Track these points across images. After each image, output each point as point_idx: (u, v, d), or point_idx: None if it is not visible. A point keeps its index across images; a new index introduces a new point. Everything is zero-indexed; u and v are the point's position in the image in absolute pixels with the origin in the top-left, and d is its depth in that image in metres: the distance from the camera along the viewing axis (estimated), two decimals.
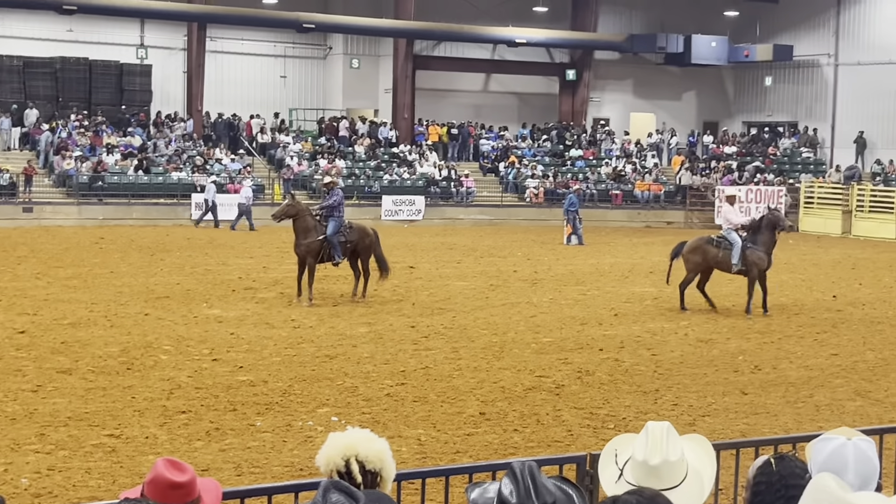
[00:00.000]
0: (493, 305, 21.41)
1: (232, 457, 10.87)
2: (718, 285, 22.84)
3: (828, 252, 35.43)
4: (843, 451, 3.80)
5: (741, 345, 17.72)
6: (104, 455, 10.83)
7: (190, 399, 13.13)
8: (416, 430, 12.06)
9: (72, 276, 24.24)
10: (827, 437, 3.89)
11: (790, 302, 22.78)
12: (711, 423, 12.60)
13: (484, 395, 13.71)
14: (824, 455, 3.81)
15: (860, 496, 1.76)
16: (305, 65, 51.60)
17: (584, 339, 17.92)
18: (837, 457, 3.79)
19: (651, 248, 35.42)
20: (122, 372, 14.56)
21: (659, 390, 14.24)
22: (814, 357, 16.80)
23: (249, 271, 25.97)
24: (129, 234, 35.68)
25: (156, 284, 23.26)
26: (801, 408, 13.54)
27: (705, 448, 4.00)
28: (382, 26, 48.43)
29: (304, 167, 44.45)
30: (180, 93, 48.14)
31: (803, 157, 51.21)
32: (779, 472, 3.84)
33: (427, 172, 45.79)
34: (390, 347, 16.73)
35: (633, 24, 54.14)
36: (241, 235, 36.44)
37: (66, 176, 40.55)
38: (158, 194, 41.14)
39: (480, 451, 11.25)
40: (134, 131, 44.54)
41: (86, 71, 45.59)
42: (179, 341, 16.77)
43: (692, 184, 47.45)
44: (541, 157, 48.91)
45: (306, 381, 14.25)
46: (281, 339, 17.20)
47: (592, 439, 11.62)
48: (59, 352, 15.76)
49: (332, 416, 12.46)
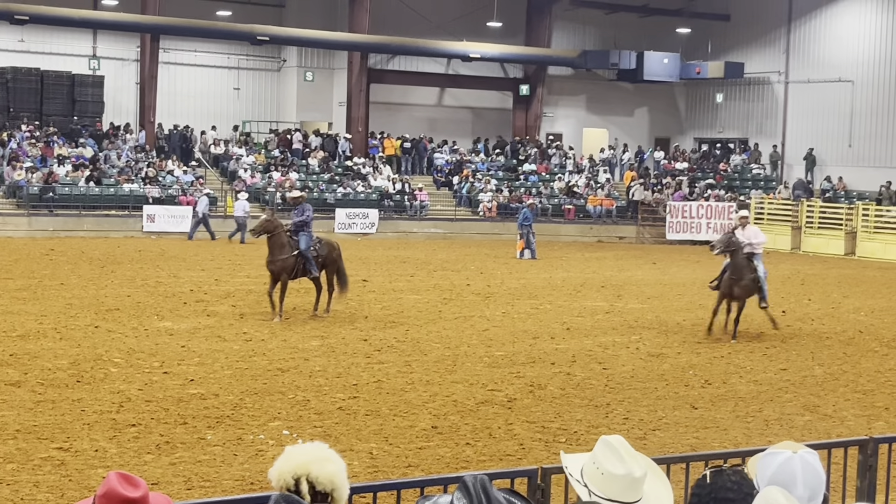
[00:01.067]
0: (446, 319, 21.42)
1: (182, 470, 10.80)
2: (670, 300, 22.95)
3: (777, 267, 35.72)
4: (791, 465, 3.83)
5: (691, 359, 17.83)
6: (53, 468, 10.72)
7: (140, 412, 13.03)
8: (369, 443, 12.03)
9: (21, 288, 23.99)
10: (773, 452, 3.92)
11: (742, 317, 22.91)
12: (662, 437, 12.67)
13: (436, 409, 13.71)
14: (773, 469, 3.84)
15: None
16: (259, 77, 51.46)
17: (537, 352, 17.96)
18: (786, 470, 3.81)
19: (603, 262, 35.62)
20: (71, 384, 14.42)
21: (610, 404, 14.30)
22: (763, 371, 16.94)
23: (201, 284, 25.83)
24: (80, 245, 35.38)
25: (106, 296, 23.07)
26: (750, 422, 13.65)
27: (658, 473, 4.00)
28: (337, 39, 48.42)
29: (258, 179, 44.30)
30: (133, 104, 47.85)
31: (753, 174, 51.70)
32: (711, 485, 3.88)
33: (381, 186, 45.78)
34: (343, 361, 16.69)
35: (587, 40, 54.48)
36: (193, 247, 36.21)
37: (16, 187, 40.16)
38: (110, 206, 40.83)
39: (432, 465, 11.24)
40: (86, 142, 44.20)
41: (37, 81, 45.19)
42: (130, 354, 16.64)
43: (644, 199, 47.76)
44: (494, 172, 49.05)
45: (258, 394, 14.18)
46: (232, 352, 17.11)
47: (544, 453, 11.65)
48: (7, 364, 15.59)
49: (283, 430, 12.41)
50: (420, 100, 53.15)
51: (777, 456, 3.88)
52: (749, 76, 52.80)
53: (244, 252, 34.87)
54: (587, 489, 3.69)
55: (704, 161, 53.45)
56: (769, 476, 3.80)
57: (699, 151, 55.12)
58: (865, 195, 46.56)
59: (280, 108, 51.73)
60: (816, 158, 50.24)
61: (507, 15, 51.16)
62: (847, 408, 14.66)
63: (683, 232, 45.51)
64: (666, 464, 6.48)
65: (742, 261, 20.16)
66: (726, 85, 54.06)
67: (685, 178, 50.12)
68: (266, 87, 51.71)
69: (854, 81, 49.24)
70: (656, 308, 24.03)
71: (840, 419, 13.99)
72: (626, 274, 31.75)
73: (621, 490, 3.66)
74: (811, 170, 50.17)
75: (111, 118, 46.85)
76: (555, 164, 51.18)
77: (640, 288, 28.08)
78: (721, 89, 54.51)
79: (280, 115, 51.38)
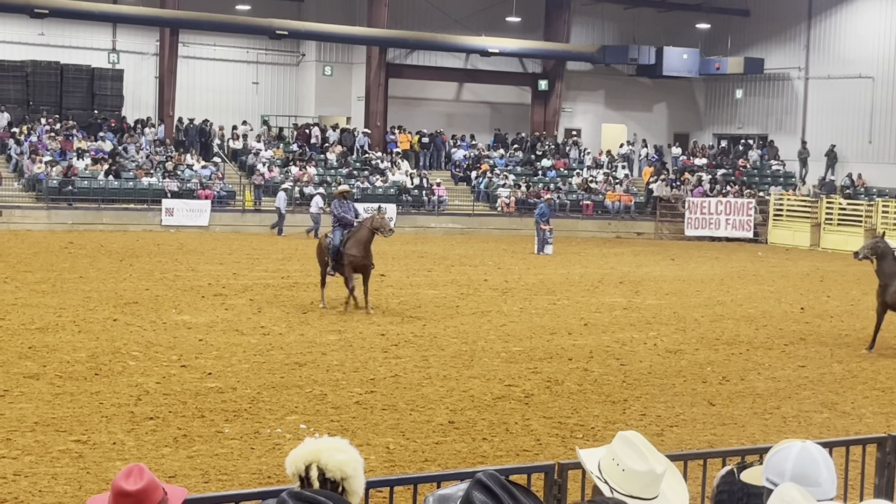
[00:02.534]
0: (464, 314, 21.43)
1: (199, 463, 10.83)
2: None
3: (796, 264, 35.67)
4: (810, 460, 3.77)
5: (709, 356, 17.79)
6: (71, 461, 10.76)
7: (158, 405, 13.07)
8: (385, 438, 12.05)
9: (40, 281, 24.10)
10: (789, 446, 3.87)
11: (758, 313, 22.89)
12: (679, 433, 12.65)
13: (453, 404, 13.71)
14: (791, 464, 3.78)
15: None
16: (278, 71, 51.51)
17: (554, 348, 17.95)
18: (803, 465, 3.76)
19: (621, 258, 35.57)
20: (89, 377, 14.48)
21: (627, 400, 14.29)
22: (781, 369, 16.88)
23: (219, 277, 25.89)
24: (99, 239, 35.51)
25: (125, 290, 23.15)
26: (768, 419, 13.61)
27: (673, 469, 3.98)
28: (356, 34, 48.42)
29: (276, 173, 44.38)
30: (152, 98, 47.99)
31: (773, 170, 51.51)
32: (741, 481, 3.85)
33: (399, 181, 45.80)
34: (360, 355, 16.71)
35: (606, 35, 54.36)
36: (210, 241, 36.30)
37: (35, 180, 40.33)
38: (129, 199, 40.97)
39: (449, 460, 11.25)
40: (105, 136, 44.34)
41: (57, 75, 45.35)
42: (148, 347, 16.69)
43: (662, 195, 47.65)
44: (512, 167, 49.01)
45: (275, 388, 14.21)
46: (250, 346, 17.15)
47: (561, 449, 11.64)
48: (26, 356, 15.66)
49: (300, 424, 12.44)
50: (438, 94, 53.12)
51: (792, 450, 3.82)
52: (769, 72, 52.60)
53: (258, 247, 34.94)
54: (608, 485, 3.68)
55: (723, 157, 53.28)
56: (791, 469, 3.71)
57: (718, 147, 54.95)
58: (885, 192, 46.35)
59: (298, 102, 51.77)
60: (837, 155, 50.01)
61: (526, 10, 51.12)
62: (865, 405, 14.62)
63: (702, 228, 45.42)
64: (683, 460, 6.48)
65: (891, 266, 18.75)
66: (746, 81, 53.87)
67: (704, 174, 49.97)
68: (285, 81, 51.77)
69: (874, 78, 49.00)
70: (674, 304, 23.99)
71: (858, 416, 13.94)
72: (644, 270, 31.70)
73: (642, 486, 3.64)
74: (832, 166, 49.94)
75: (130, 112, 46.99)
76: (573, 159, 51.11)
77: (658, 284, 28.03)
78: (741, 85, 54.33)
79: (298, 110, 51.43)
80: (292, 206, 41.79)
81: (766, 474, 3.76)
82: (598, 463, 3.79)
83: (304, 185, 43.51)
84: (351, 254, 21.16)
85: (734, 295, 26.21)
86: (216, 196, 42.05)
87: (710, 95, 56.61)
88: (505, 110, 53.99)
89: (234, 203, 42.62)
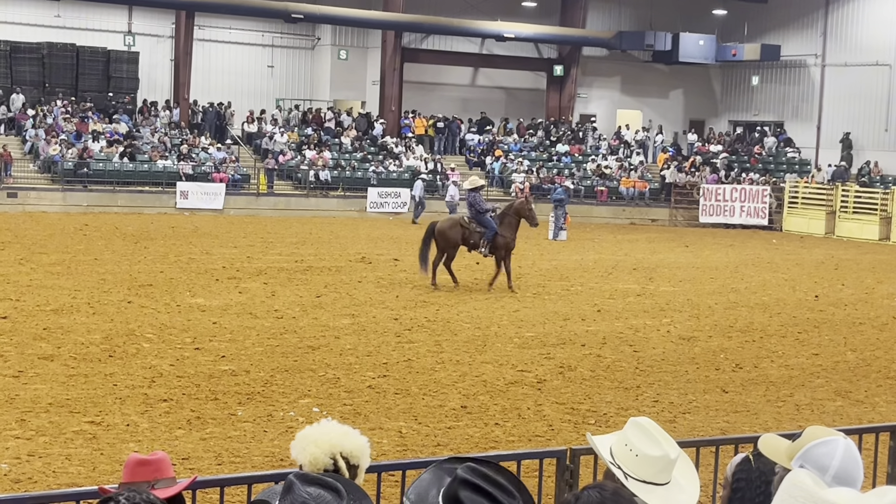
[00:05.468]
0: (477, 299, 21.44)
1: (213, 446, 10.86)
2: None
3: (811, 252, 35.57)
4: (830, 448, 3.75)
5: (723, 343, 17.77)
6: (85, 442, 10.81)
7: (171, 387, 13.12)
8: (398, 422, 12.06)
9: (55, 263, 24.17)
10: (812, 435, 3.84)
11: (772, 301, 22.84)
12: (692, 420, 12.65)
13: (466, 389, 13.73)
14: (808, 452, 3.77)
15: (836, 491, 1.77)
16: (293, 55, 51.51)
17: (567, 334, 17.95)
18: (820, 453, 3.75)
19: (635, 244, 35.52)
20: (104, 359, 14.53)
21: (640, 387, 14.28)
22: (795, 356, 16.85)
23: (233, 261, 25.93)
24: (114, 221, 35.60)
25: (139, 272, 23.21)
26: (781, 406, 13.59)
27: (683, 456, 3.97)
28: (371, 18, 48.38)
29: (290, 157, 44.41)
30: (167, 81, 48.03)
31: (788, 157, 51.35)
32: (758, 468, 3.84)
33: (413, 165, 45.78)
34: (373, 339, 16.73)
35: (622, 21, 54.21)
36: (225, 224, 36.35)
37: (51, 162, 40.43)
38: (143, 182, 41.06)
39: (461, 445, 11.26)
40: (120, 118, 44.42)
41: (73, 57, 45.42)
42: (162, 329, 16.74)
43: (677, 181, 47.54)
44: (527, 153, 48.95)
45: (288, 371, 14.25)
46: (264, 329, 17.19)
47: (573, 434, 11.65)
48: (41, 338, 15.73)
49: (313, 407, 12.46)
50: (453, 79, 53.08)
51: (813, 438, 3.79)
52: (785, 59, 52.38)
53: (276, 231, 34.96)
54: (622, 470, 3.68)
55: (739, 144, 53.12)
56: (802, 458, 3.71)
57: (734, 134, 54.78)
58: None
59: (313, 86, 51.77)
60: (852, 142, 49.82)
61: None
62: (879, 394, 14.58)
63: (717, 215, 45.32)
64: (695, 447, 6.48)
65: None
66: (762, 67, 53.68)
67: (719, 161, 49.84)
68: (300, 65, 51.78)
69: (891, 65, 48.81)
70: (688, 291, 23.96)
71: (872, 405, 13.91)
72: (658, 256, 31.66)
73: (656, 472, 3.64)
74: (847, 153, 49.76)
75: (146, 94, 47.06)
76: (590, 145, 51.02)
77: (672, 271, 27.99)
78: (757, 72, 54.13)
79: (313, 94, 51.43)
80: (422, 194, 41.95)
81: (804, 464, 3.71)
82: (609, 449, 3.78)
83: (318, 169, 43.55)
84: (506, 237, 22.99)
85: (748, 282, 26.16)
86: (231, 179, 42.11)
87: (727, 82, 56.42)
88: (520, 95, 53.90)
89: (248, 186, 42.68)
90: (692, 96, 56.39)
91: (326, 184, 43.62)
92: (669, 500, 3.47)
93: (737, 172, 48.82)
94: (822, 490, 1.96)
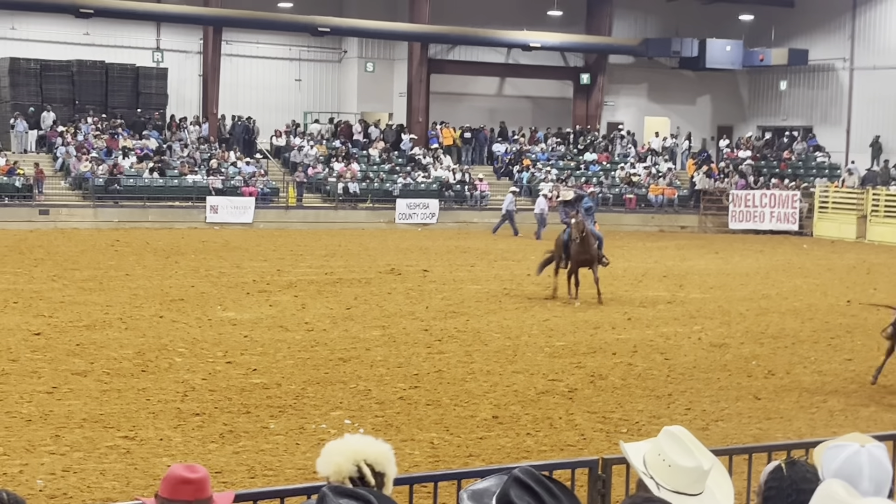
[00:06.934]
0: (507, 309, 21.41)
1: (245, 459, 10.89)
2: None
3: (842, 257, 35.34)
4: (857, 458, 3.77)
5: (754, 350, 17.68)
6: (119, 457, 10.86)
7: (204, 401, 13.16)
8: (429, 433, 12.06)
9: (87, 279, 24.31)
10: (840, 444, 3.86)
11: (804, 307, 22.71)
12: (724, 427, 12.58)
13: (497, 399, 13.71)
14: (838, 462, 3.78)
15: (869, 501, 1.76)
16: (320, 68, 51.66)
17: (597, 342, 17.91)
18: (852, 463, 3.76)
19: (664, 252, 35.40)
20: (136, 374, 14.60)
21: (672, 395, 14.23)
22: (828, 362, 16.74)
23: (263, 274, 26.01)
24: (145, 236, 35.77)
25: (171, 287, 23.31)
26: (814, 413, 13.51)
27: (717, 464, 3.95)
28: (397, 30, 48.48)
29: (319, 170, 44.55)
30: (196, 96, 48.27)
31: (818, 162, 51.07)
32: (790, 477, 3.82)
33: (441, 176, 45.81)
34: (403, 351, 16.74)
35: (648, 28, 54.08)
36: (255, 238, 36.47)
37: (82, 178, 40.70)
38: (174, 197, 41.27)
39: (493, 455, 11.25)
40: (150, 134, 44.68)
41: (102, 74, 45.72)
42: (194, 344, 16.81)
43: (706, 188, 47.37)
44: (555, 162, 48.90)
45: (320, 384, 14.27)
46: (295, 342, 17.23)
47: (605, 443, 11.61)
48: (74, 354, 15.81)
49: (345, 419, 12.48)
50: (480, 89, 53.10)
51: (844, 449, 3.82)
52: (813, 63, 52.11)
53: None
54: (654, 481, 3.66)
55: (768, 150, 52.89)
56: (835, 469, 3.75)
57: (762, 139, 54.54)
58: None
59: (341, 98, 51.91)
60: (882, 146, 49.51)
61: (568, 3, 50.93)
62: None
63: (747, 221, 45.10)
64: (728, 455, 6.44)
65: None
66: (790, 72, 53.43)
67: (749, 167, 49.62)
68: (327, 78, 51.92)
69: None
70: (718, 298, 23.86)
71: None
72: (687, 263, 31.55)
73: (689, 482, 3.62)
74: (877, 157, 49.46)
75: (174, 110, 47.31)
76: (618, 153, 50.91)
77: (702, 278, 27.89)
78: (785, 76, 53.88)
79: (341, 106, 51.56)
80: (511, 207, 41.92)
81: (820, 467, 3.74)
82: (643, 458, 3.77)
83: (347, 181, 43.66)
84: (574, 250, 22.94)
85: (779, 288, 26.02)
86: (260, 193, 42.28)
87: (754, 87, 56.18)
88: (547, 105, 53.86)
89: (277, 200, 42.84)
90: (720, 102, 56.17)
91: (355, 196, 43.72)
92: None
93: (766, 178, 48.58)
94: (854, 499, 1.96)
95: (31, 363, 15.10)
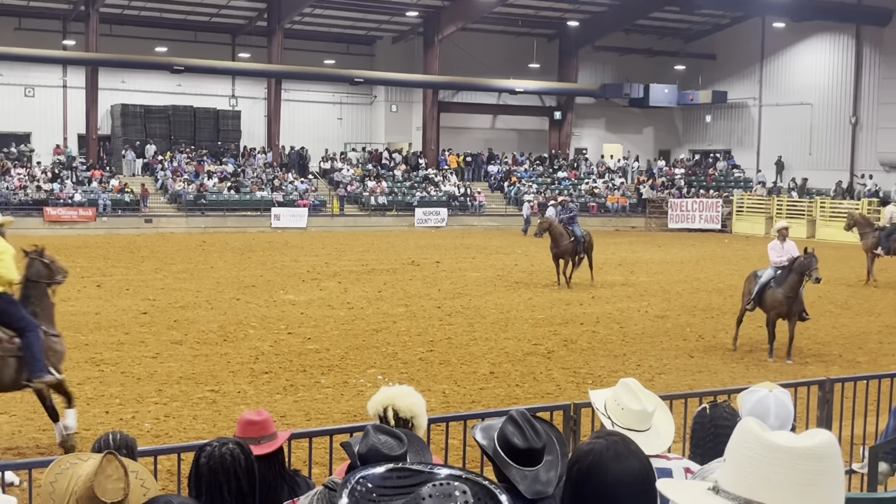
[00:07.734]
0: (500, 290, 21.39)
1: (303, 406, 10.91)
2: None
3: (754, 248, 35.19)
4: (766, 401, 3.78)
5: (689, 320, 17.66)
6: (207, 406, 10.89)
7: (271, 363, 13.19)
8: (442, 385, 12.08)
9: (181, 271, 24.34)
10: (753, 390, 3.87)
11: (726, 287, 22.65)
12: (666, 379, 12.58)
13: (493, 359, 13.71)
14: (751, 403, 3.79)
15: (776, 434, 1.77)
16: (356, 109, 51.58)
17: (569, 315, 17.89)
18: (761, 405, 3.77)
19: (619, 246, 35.32)
20: (219, 342, 14.63)
21: (626, 354, 14.22)
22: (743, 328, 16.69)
23: (315, 266, 26.01)
24: (224, 239, 35.79)
25: (245, 276, 23.33)
26: (734, 367, 13.50)
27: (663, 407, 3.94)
28: (415, 80, 48.43)
29: (356, 187, 44.51)
30: (262, 131, 48.21)
31: (735, 177, 50.92)
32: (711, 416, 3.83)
33: (449, 190, 45.75)
34: (422, 323, 16.75)
35: (605, 75, 53.91)
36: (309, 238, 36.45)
37: (176, 195, 40.73)
38: (246, 208, 41.25)
39: (491, 401, 11.26)
40: (227, 161, 44.66)
41: (191, 115, 45.75)
42: (263, 319, 16.83)
43: (650, 197, 47.25)
44: (535, 179, 48.78)
45: (358, 348, 14.28)
46: (339, 317, 17.24)
47: (575, 392, 11.61)
48: (172, 328, 15.85)
49: (378, 375, 12.49)
50: (477, 124, 53.00)
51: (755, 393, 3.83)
52: (731, 101, 51.97)
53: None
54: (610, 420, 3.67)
55: (697, 167, 52.71)
56: (748, 409, 3.75)
57: (693, 160, 54.37)
58: (822, 192, 45.72)
59: (372, 132, 51.83)
60: (784, 164, 49.39)
61: (544, 57, 50.88)
62: (809, 356, 14.44)
63: (682, 222, 44.97)
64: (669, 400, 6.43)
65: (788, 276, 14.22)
66: (713, 108, 53.23)
67: (682, 181, 49.49)
68: (361, 116, 51.83)
69: (813, 104, 48.32)
70: (661, 281, 23.81)
71: (804, 364, 13.78)
72: (637, 255, 31.48)
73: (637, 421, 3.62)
74: (780, 173, 49.35)
75: (246, 142, 47.29)
76: (583, 171, 50.79)
77: (648, 265, 27.83)
78: (709, 112, 53.69)
79: (372, 138, 51.48)
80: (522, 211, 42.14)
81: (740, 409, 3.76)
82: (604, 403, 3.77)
83: (377, 195, 43.56)
84: (550, 246, 22.52)
85: (707, 272, 25.97)
86: (311, 205, 42.23)
87: (686, 120, 56.00)
88: (528, 135, 53.76)
89: (325, 210, 42.81)
90: (660, 132, 56.00)
91: (383, 206, 43.67)
92: (649, 444, 3.45)
93: (696, 189, 48.43)
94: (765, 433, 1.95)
95: (140, 335, 15.14)
